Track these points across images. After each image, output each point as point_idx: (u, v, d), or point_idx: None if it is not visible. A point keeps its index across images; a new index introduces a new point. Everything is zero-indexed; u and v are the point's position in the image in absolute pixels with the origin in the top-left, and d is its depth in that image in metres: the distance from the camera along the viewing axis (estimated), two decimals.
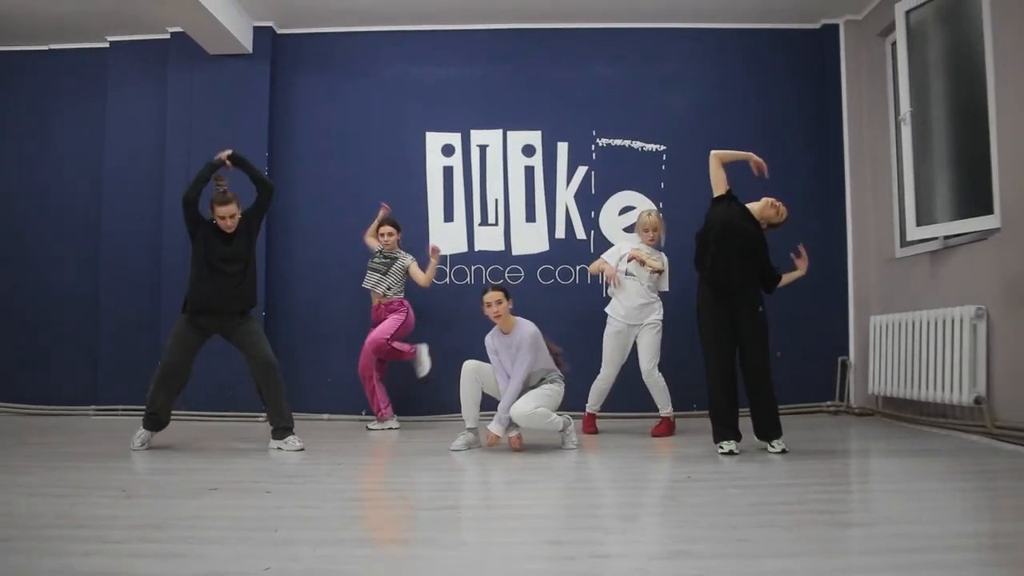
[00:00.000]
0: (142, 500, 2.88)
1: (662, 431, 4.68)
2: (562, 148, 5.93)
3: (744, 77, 5.93)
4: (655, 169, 5.89)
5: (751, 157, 4.05)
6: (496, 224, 5.92)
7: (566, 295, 5.78)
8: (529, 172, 5.95)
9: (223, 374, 5.43)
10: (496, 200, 5.94)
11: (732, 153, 4.06)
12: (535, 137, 5.95)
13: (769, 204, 3.96)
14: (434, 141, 5.97)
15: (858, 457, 4.06)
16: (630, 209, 5.81)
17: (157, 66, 5.99)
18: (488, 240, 5.91)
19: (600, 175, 5.91)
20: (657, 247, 4.92)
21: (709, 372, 3.92)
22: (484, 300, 4.16)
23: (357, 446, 4.50)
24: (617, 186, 5.88)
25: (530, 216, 5.92)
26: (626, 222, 5.80)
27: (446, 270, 5.86)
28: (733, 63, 5.95)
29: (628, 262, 4.78)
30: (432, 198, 5.93)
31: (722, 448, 3.83)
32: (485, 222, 5.93)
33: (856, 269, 5.72)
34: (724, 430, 3.87)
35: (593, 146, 5.93)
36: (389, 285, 5.23)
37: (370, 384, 5.12)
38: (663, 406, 4.71)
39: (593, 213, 5.88)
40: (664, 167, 5.88)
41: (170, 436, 4.43)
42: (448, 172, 5.96)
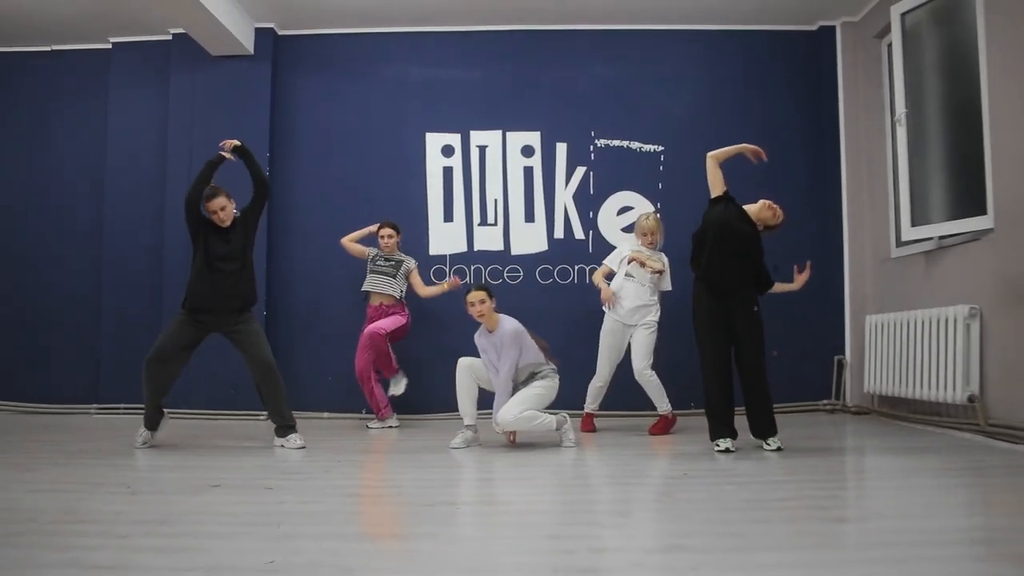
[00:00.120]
0: (146, 496, 2.92)
1: (659, 429, 4.72)
2: (561, 149, 5.97)
3: (741, 78, 5.96)
4: (653, 170, 5.93)
5: (745, 149, 4.08)
6: (495, 224, 5.96)
7: (565, 295, 5.82)
8: (528, 172, 5.98)
9: (223, 373, 5.47)
10: (495, 200, 5.98)
11: (726, 150, 4.08)
12: (534, 138, 5.99)
13: (766, 206, 3.99)
14: (434, 141, 6.01)
15: (853, 455, 4.09)
16: (628, 209, 5.86)
17: (159, 67, 6.02)
18: (487, 240, 5.95)
19: (598, 175, 5.95)
20: (656, 249, 4.96)
21: (705, 371, 3.96)
22: (467, 300, 4.21)
23: (357, 444, 4.53)
24: (615, 186, 5.92)
25: (529, 216, 5.96)
26: (624, 222, 5.85)
27: (446, 270, 5.90)
28: (730, 65, 5.99)
29: (628, 264, 4.83)
30: (432, 198, 5.97)
31: (718, 446, 3.87)
32: (484, 222, 5.97)
33: (852, 269, 5.76)
34: (720, 428, 3.91)
35: (592, 147, 5.97)
36: (401, 288, 5.29)
37: (368, 385, 5.15)
38: (660, 404, 4.75)
39: (591, 213, 5.92)
40: (662, 168, 5.92)
41: (172, 434, 4.48)
42: (448, 172, 6.00)
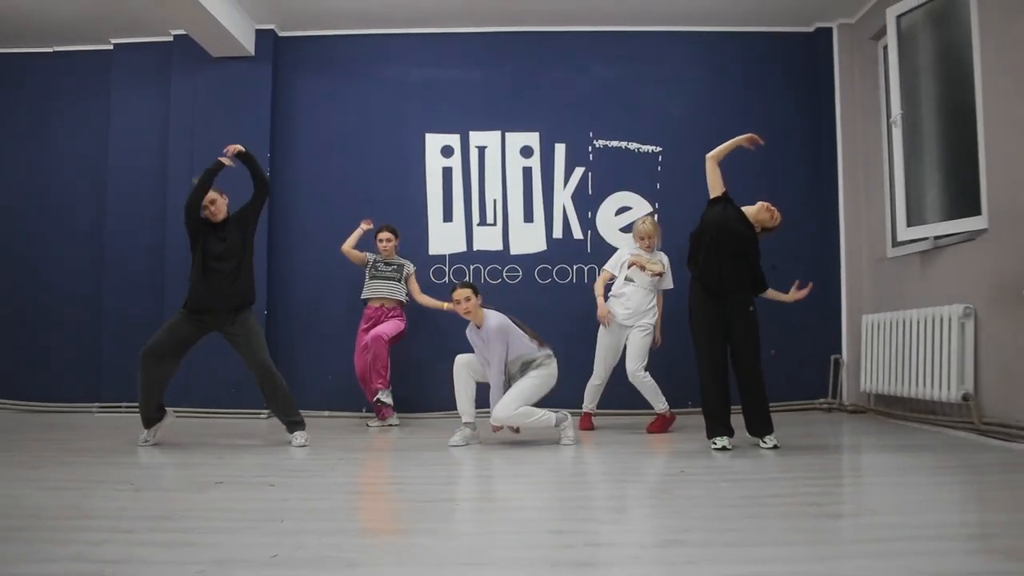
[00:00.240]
0: (150, 493, 2.95)
1: (658, 427, 4.76)
2: (560, 149, 6.00)
3: (739, 80, 6.00)
4: (651, 170, 5.96)
5: (740, 141, 4.09)
6: (494, 224, 6.00)
7: (564, 294, 5.86)
8: (527, 173, 6.02)
9: (224, 372, 5.49)
10: (494, 200, 6.01)
11: (724, 147, 4.08)
12: (533, 138, 6.02)
13: (764, 208, 4.01)
14: (433, 142, 6.04)
15: (849, 452, 4.13)
16: (626, 209, 5.90)
17: (160, 68, 6.05)
18: (486, 240, 5.98)
19: (597, 176, 5.98)
20: (654, 251, 4.99)
21: (702, 371, 3.99)
22: (453, 298, 4.26)
23: (358, 442, 4.56)
24: (614, 187, 5.95)
25: (528, 216, 5.99)
26: (622, 222, 5.88)
27: (445, 269, 5.94)
28: (728, 66, 6.03)
29: (628, 268, 4.87)
30: (431, 198, 6.00)
31: (715, 444, 3.90)
32: (483, 222, 6.00)
33: (849, 269, 5.80)
34: (717, 427, 3.94)
35: (590, 147, 6.00)
36: (407, 292, 5.33)
37: (370, 386, 5.18)
38: (656, 404, 4.77)
39: (590, 213, 5.96)
40: (660, 168, 5.96)
41: (174, 433, 4.51)
42: (447, 173, 6.03)
